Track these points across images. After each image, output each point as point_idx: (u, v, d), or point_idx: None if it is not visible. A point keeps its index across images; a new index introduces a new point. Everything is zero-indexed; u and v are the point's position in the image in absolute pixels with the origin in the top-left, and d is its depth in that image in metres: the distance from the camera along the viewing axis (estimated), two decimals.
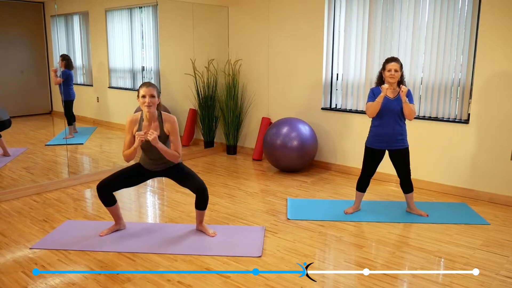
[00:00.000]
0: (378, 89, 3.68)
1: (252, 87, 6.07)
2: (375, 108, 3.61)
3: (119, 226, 3.45)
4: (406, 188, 3.82)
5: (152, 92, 3.11)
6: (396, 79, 3.61)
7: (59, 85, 5.13)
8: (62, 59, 5.16)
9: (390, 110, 3.63)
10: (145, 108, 3.12)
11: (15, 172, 4.84)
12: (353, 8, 5.03)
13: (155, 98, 3.13)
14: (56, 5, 4.99)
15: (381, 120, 3.67)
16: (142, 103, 3.13)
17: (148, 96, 3.09)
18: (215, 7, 6.08)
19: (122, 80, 6.00)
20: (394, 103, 3.63)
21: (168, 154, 3.16)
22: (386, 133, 3.67)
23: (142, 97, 3.12)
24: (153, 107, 3.14)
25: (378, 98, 3.58)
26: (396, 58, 3.64)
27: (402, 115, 3.66)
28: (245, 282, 2.71)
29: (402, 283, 2.76)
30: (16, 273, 2.82)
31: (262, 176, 5.18)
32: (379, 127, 3.69)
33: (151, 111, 3.14)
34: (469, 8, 4.26)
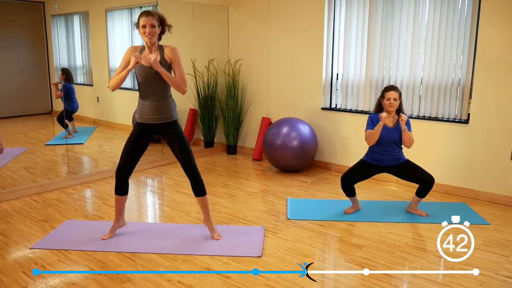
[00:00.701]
0: (376, 116, 3.71)
1: (252, 87, 6.07)
2: (374, 137, 3.66)
3: (119, 223, 3.37)
4: (421, 194, 3.77)
5: (152, 22, 2.95)
6: (395, 107, 3.66)
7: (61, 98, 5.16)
8: (62, 73, 5.16)
9: (389, 139, 3.69)
10: (146, 38, 2.98)
11: (15, 172, 4.84)
12: (353, 8, 5.03)
13: (156, 27, 3.00)
14: (56, 5, 4.99)
15: (379, 147, 3.73)
16: (142, 33, 2.97)
17: (149, 26, 2.94)
18: (215, 7, 6.08)
19: None
20: (393, 132, 3.69)
21: (171, 80, 2.98)
22: (384, 159, 3.75)
23: (142, 27, 2.95)
24: (154, 36, 3.01)
25: (377, 126, 3.62)
26: (395, 86, 3.69)
27: (400, 142, 3.73)
28: (245, 282, 2.71)
29: (402, 283, 2.76)
30: (16, 273, 2.82)
31: (262, 176, 5.18)
32: (378, 154, 3.76)
33: (152, 41, 3.01)
34: (469, 8, 4.26)
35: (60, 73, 5.16)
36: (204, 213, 3.34)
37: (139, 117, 3.19)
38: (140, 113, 3.17)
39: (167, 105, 3.15)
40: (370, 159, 3.80)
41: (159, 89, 3.09)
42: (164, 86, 3.11)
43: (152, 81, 3.05)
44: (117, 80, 3.04)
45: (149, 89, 3.09)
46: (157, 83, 3.06)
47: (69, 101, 5.20)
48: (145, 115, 3.14)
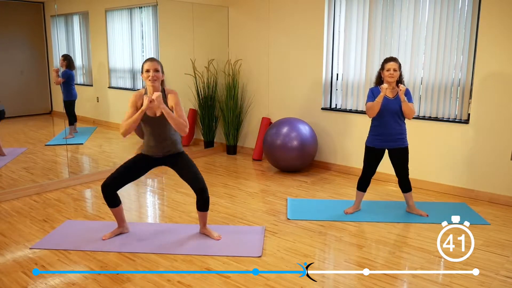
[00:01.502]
0: (377, 89, 3.69)
1: (252, 87, 6.07)
2: (375, 108, 3.62)
3: (122, 229, 3.41)
4: (404, 188, 3.82)
5: (156, 67, 3.08)
6: (395, 78, 3.62)
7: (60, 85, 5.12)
8: (63, 59, 5.15)
9: (390, 110, 3.64)
10: (149, 83, 3.07)
11: (15, 172, 4.84)
12: (353, 8, 5.03)
13: (159, 72, 3.10)
14: (56, 5, 4.99)
15: (381, 119, 3.68)
16: (146, 77, 3.08)
17: (152, 70, 3.07)
18: (215, 7, 6.08)
19: (122, 80, 6.00)
20: (394, 103, 3.64)
21: (173, 120, 3.06)
22: (386, 133, 3.69)
23: (146, 72, 3.08)
24: (157, 81, 3.10)
25: (378, 98, 3.59)
26: (394, 57, 3.66)
27: (401, 114, 3.68)
28: (245, 282, 2.71)
29: (402, 283, 2.76)
30: (16, 273, 2.82)
31: (262, 176, 5.18)
32: (379, 127, 3.70)
33: (155, 85, 3.09)
34: (469, 8, 4.26)
35: (61, 58, 5.13)
36: (201, 225, 3.41)
37: (145, 151, 3.30)
38: (146, 147, 3.30)
39: (172, 142, 3.27)
40: (373, 140, 3.74)
41: (163, 132, 3.20)
42: (168, 128, 3.22)
43: (157, 122, 3.16)
44: (130, 122, 3.08)
45: (155, 129, 3.21)
46: (161, 128, 3.18)
47: (68, 88, 5.15)
48: (151, 150, 3.28)
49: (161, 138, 3.21)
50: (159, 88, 3.15)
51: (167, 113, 3.04)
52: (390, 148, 3.74)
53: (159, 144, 3.23)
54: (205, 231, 3.40)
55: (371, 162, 3.80)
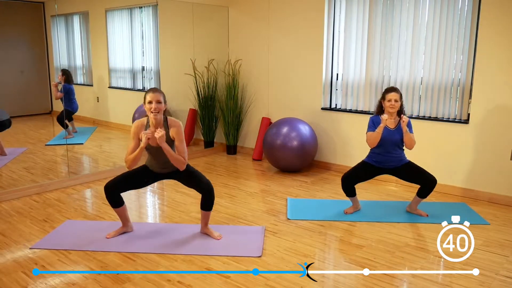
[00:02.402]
0: (377, 118, 3.71)
1: (252, 87, 6.07)
2: (375, 139, 3.66)
3: (126, 228, 3.42)
4: (423, 194, 3.75)
5: (158, 98, 3.09)
6: (396, 109, 3.66)
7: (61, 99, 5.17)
8: (62, 74, 5.17)
9: (390, 140, 3.68)
10: (151, 115, 3.10)
11: (15, 172, 4.84)
12: (353, 8, 5.03)
13: (162, 104, 3.11)
14: (56, 5, 4.99)
15: (381, 149, 3.72)
16: (148, 109, 3.10)
17: (155, 102, 3.07)
18: (215, 7, 6.08)
19: (122, 80, 6.00)
20: (394, 133, 3.68)
21: (173, 158, 3.12)
22: (385, 160, 3.74)
23: (148, 103, 3.09)
24: (160, 113, 3.12)
25: (378, 129, 3.62)
26: (396, 88, 3.69)
27: (401, 144, 3.73)
28: (245, 282, 2.71)
29: (402, 283, 2.76)
30: (16, 273, 2.82)
31: (262, 176, 5.18)
32: (380, 155, 3.75)
33: (157, 118, 3.12)
34: (469, 8, 4.26)
35: (60, 74, 5.17)
36: (203, 225, 3.42)
37: (149, 166, 3.34)
38: (149, 166, 3.34)
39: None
40: (371, 160, 3.80)
41: (165, 157, 3.19)
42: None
43: (158, 152, 3.18)
44: (133, 159, 3.14)
45: (157, 157, 3.24)
46: (163, 155, 3.18)
47: (69, 102, 5.20)
48: (155, 168, 3.32)
49: (164, 161, 3.23)
50: (161, 120, 3.16)
51: (167, 151, 3.09)
52: (391, 169, 3.76)
53: (162, 165, 3.28)
54: (206, 231, 3.40)
55: (362, 174, 3.82)
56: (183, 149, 3.19)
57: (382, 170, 3.80)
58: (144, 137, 3.03)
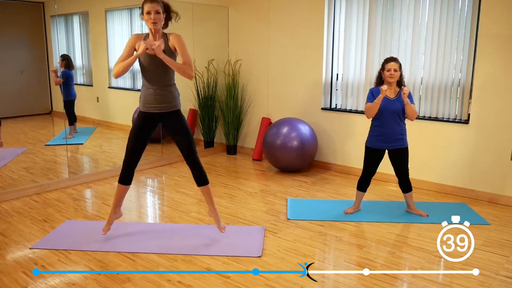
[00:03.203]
0: (377, 89, 3.68)
1: (252, 87, 6.07)
2: (373, 109, 3.62)
3: (116, 214, 3.32)
4: (404, 188, 3.82)
5: (157, 8, 2.93)
6: (396, 78, 3.62)
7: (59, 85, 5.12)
8: (62, 59, 5.15)
9: (390, 110, 3.63)
10: (151, 25, 2.95)
11: (15, 172, 4.84)
12: (353, 8, 5.03)
13: (160, 14, 2.96)
14: (56, 5, 4.99)
15: (381, 120, 3.67)
16: (147, 19, 2.93)
17: (154, 12, 2.92)
18: (215, 7, 6.08)
19: (122, 80, 6.00)
20: (394, 103, 3.64)
21: (175, 65, 2.93)
22: (386, 133, 3.68)
23: (147, 14, 2.93)
24: (159, 23, 2.98)
25: (377, 99, 3.59)
26: (395, 58, 3.65)
27: (402, 115, 3.68)
28: (245, 282, 2.71)
29: (402, 283, 2.76)
30: (16, 273, 2.82)
31: (262, 176, 5.18)
32: (379, 127, 3.70)
33: (156, 28, 2.98)
34: (469, 8, 4.26)
35: (60, 59, 5.13)
36: (208, 204, 3.31)
37: (142, 106, 3.15)
38: (144, 101, 3.12)
39: (171, 93, 3.13)
40: (373, 139, 3.74)
41: (162, 77, 3.06)
42: (168, 74, 3.09)
43: (155, 69, 3.02)
44: (123, 65, 2.94)
45: (152, 77, 3.05)
46: (160, 71, 3.03)
47: (67, 88, 5.14)
48: (148, 104, 3.10)
49: (161, 84, 3.05)
50: (160, 30, 3.03)
51: (168, 61, 2.90)
52: (390, 149, 3.74)
53: (158, 92, 3.05)
54: (213, 215, 3.31)
55: (371, 163, 3.79)
56: (187, 57, 2.99)
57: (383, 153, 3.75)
58: (143, 45, 2.85)
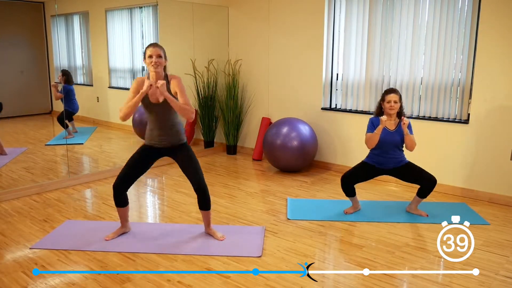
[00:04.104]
0: (377, 119, 3.73)
1: (252, 87, 6.07)
2: (374, 140, 3.66)
3: (125, 229, 3.41)
4: (422, 194, 3.76)
5: (159, 52, 3.02)
6: (395, 110, 3.67)
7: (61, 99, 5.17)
8: (62, 75, 5.17)
9: (390, 142, 3.69)
10: (152, 68, 3.02)
11: (15, 172, 4.84)
12: (353, 8, 5.03)
13: (162, 58, 3.04)
14: (56, 5, 4.99)
15: (381, 150, 3.73)
16: (149, 63, 3.02)
17: (155, 56, 3.01)
18: (215, 7, 6.08)
19: (122, 80, 6.00)
20: (394, 135, 3.69)
21: (178, 106, 2.99)
22: (385, 162, 3.75)
23: (148, 57, 3.02)
24: (160, 67, 3.04)
25: (377, 130, 3.63)
26: (395, 89, 3.71)
27: (401, 145, 3.74)
28: (245, 282, 2.71)
29: (402, 283, 2.76)
30: (16, 273, 2.82)
31: (262, 176, 5.18)
32: (379, 156, 3.76)
33: (158, 71, 3.04)
34: (469, 8, 4.26)
35: (60, 74, 5.17)
36: (205, 225, 3.39)
37: (147, 141, 3.25)
38: (149, 137, 3.24)
39: (175, 131, 3.21)
40: (371, 161, 3.80)
41: (166, 119, 3.14)
42: (171, 115, 3.17)
43: (160, 110, 3.10)
44: (130, 106, 3.01)
45: (157, 116, 3.15)
46: (164, 114, 3.12)
47: (69, 103, 5.20)
48: (154, 141, 3.22)
49: (165, 126, 3.14)
50: (162, 74, 3.10)
51: (171, 100, 2.98)
52: (390, 169, 3.77)
53: (162, 133, 3.16)
54: (210, 231, 3.38)
55: (362, 174, 3.81)
56: (186, 99, 3.06)
57: (381, 171, 3.80)
58: (147, 83, 2.94)
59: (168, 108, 3.10)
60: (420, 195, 3.77)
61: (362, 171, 3.82)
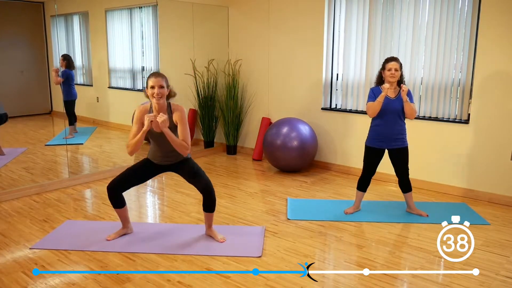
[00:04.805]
0: (378, 89, 3.68)
1: (252, 87, 6.07)
2: (376, 108, 3.62)
3: (126, 229, 3.40)
4: (404, 187, 3.82)
5: (161, 83, 3.00)
6: (396, 78, 3.62)
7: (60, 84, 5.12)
8: (63, 59, 5.16)
9: (391, 110, 3.64)
10: (154, 100, 3.02)
11: (15, 172, 4.84)
12: (353, 8, 5.03)
13: (164, 89, 3.03)
14: (56, 5, 4.99)
15: (382, 119, 3.68)
16: (151, 94, 3.02)
17: (157, 87, 2.99)
18: (215, 7, 6.08)
19: (122, 80, 6.00)
20: (395, 103, 3.65)
21: (175, 142, 3.03)
22: (387, 132, 3.69)
23: (151, 88, 3.00)
24: (163, 98, 3.04)
25: (379, 98, 3.59)
26: (395, 57, 3.66)
27: (402, 114, 3.68)
28: (245, 282, 2.71)
29: (402, 283, 2.76)
30: (16, 273, 2.82)
31: (262, 176, 5.18)
32: (380, 127, 3.70)
33: (160, 102, 3.04)
34: (469, 8, 4.26)
35: (61, 58, 5.14)
36: (207, 226, 3.39)
37: (151, 158, 3.28)
38: (152, 157, 3.28)
39: (178, 154, 3.21)
40: (372, 140, 3.74)
41: (169, 146, 3.13)
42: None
43: (161, 138, 3.12)
44: (134, 143, 3.06)
45: (160, 144, 3.19)
46: (166, 143, 3.12)
47: (68, 88, 5.15)
48: (157, 160, 3.27)
49: (167, 150, 3.18)
50: (165, 105, 3.09)
51: (169, 136, 3.01)
52: (390, 148, 3.74)
53: (165, 154, 3.21)
54: (211, 233, 3.38)
55: (371, 162, 3.79)
56: (186, 133, 3.08)
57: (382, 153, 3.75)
58: (147, 119, 2.95)
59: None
60: (402, 190, 3.83)
61: (371, 156, 3.77)
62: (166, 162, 3.25)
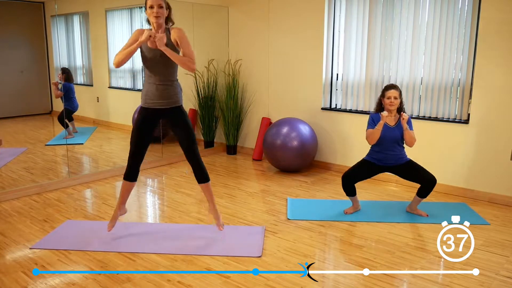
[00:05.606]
0: (377, 115, 3.72)
1: (252, 87, 6.07)
2: (375, 136, 3.66)
3: (120, 210, 3.34)
4: (422, 194, 3.75)
5: (160, 2, 2.93)
6: (396, 106, 3.67)
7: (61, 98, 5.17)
8: (62, 73, 5.18)
9: (390, 137, 3.69)
10: (153, 19, 2.94)
11: (15, 172, 4.84)
12: (353, 8, 5.03)
13: (163, 9, 2.97)
14: (56, 5, 4.99)
15: (381, 146, 3.73)
16: (150, 13, 2.93)
17: (156, 6, 2.92)
18: (215, 7, 6.08)
19: (122, 80, 6.00)
20: (394, 130, 3.69)
21: (177, 58, 2.91)
22: (386, 158, 3.74)
23: (150, 8, 2.93)
24: (162, 18, 2.96)
25: (378, 126, 3.62)
26: (395, 85, 3.71)
27: (401, 141, 3.74)
28: (245, 282, 2.71)
29: (402, 283, 2.76)
30: (16, 273, 2.82)
31: (262, 176, 5.18)
32: (380, 153, 3.76)
33: (159, 22, 2.97)
34: (469, 8, 4.26)
35: (60, 72, 5.17)
36: (209, 201, 3.35)
37: (143, 101, 3.15)
38: (145, 97, 3.12)
39: (173, 89, 3.13)
40: (372, 158, 3.80)
41: (164, 72, 3.05)
42: (170, 69, 3.09)
43: (157, 64, 3.02)
44: (125, 53, 2.95)
45: (155, 72, 3.06)
46: (162, 66, 3.03)
47: (69, 101, 5.21)
48: (150, 99, 3.11)
49: (162, 83, 3.05)
50: (163, 25, 3.02)
51: (170, 53, 2.89)
52: (390, 167, 3.76)
53: (159, 92, 3.06)
54: (213, 212, 3.33)
55: (363, 172, 3.81)
56: (189, 50, 2.97)
57: (382, 168, 3.80)
58: (146, 32, 2.86)
59: (166, 64, 3.02)
60: (420, 195, 3.77)
61: (362, 169, 3.82)
62: (159, 103, 3.08)
